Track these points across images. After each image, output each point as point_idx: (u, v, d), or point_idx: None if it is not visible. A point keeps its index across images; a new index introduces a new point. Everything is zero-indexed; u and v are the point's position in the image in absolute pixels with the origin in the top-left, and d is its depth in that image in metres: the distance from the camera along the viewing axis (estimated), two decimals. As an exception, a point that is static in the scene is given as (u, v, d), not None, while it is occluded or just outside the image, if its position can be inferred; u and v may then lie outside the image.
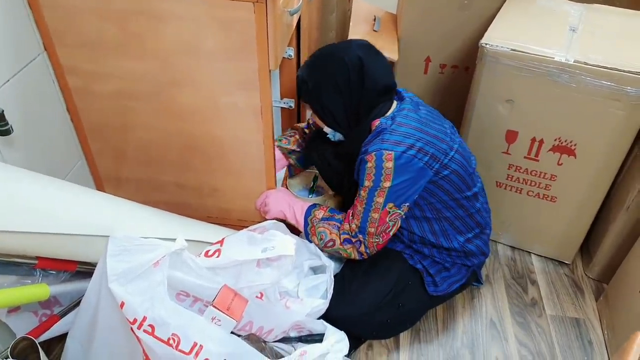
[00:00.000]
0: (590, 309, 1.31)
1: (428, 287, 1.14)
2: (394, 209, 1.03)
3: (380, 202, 1.02)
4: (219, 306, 0.86)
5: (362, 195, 1.04)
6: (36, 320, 1.00)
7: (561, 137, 1.18)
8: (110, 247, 0.84)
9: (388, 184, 1.00)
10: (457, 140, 1.09)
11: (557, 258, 1.42)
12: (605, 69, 1.06)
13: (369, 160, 1.00)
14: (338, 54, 1.03)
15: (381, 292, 1.11)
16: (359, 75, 1.01)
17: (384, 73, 1.04)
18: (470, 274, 1.20)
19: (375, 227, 1.05)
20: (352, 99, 1.03)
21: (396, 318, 1.16)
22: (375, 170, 1.00)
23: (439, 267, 1.14)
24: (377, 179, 1.00)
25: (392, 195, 1.01)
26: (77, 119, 1.17)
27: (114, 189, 1.30)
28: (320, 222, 1.11)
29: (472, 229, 1.13)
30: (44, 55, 1.06)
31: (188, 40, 1.00)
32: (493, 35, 1.17)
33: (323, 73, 1.04)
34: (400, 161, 0.98)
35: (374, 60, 1.02)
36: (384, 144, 0.99)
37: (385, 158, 0.98)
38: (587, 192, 1.24)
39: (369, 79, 1.01)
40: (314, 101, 1.08)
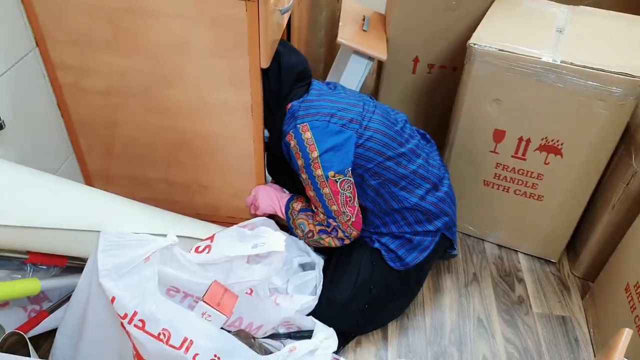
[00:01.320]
0: (576, 307, 1.33)
1: (392, 263, 1.13)
2: (339, 177, 1.05)
3: (320, 174, 1.04)
4: (210, 302, 0.87)
5: (304, 177, 1.07)
6: (25, 316, 1.00)
7: (548, 137, 1.20)
8: (101, 242, 0.85)
9: (316, 153, 1.03)
10: (371, 103, 1.13)
11: (543, 257, 1.44)
12: (591, 69, 1.08)
13: (290, 139, 1.05)
14: None
15: (349, 281, 1.12)
16: (275, 63, 1.07)
17: (299, 61, 1.11)
18: (439, 239, 1.16)
19: (335, 202, 1.06)
20: (270, 85, 1.09)
21: (374, 302, 1.14)
22: (299, 146, 1.04)
23: (401, 241, 1.13)
24: (304, 153, 1.04)
25: (326, 162, 1.03)
26: (67, 115, 1.17)
27: (103, 185, 1.30)
28: (298, 214, 1.14)
29: (419, 185, 1.12)
30: (36, 51, 1.06)
31: (179, 38, 1.00)
32: (481, 36, 1.19)
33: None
34: (317, 129, 1.03)
35: (287, 52, 1.10)
36: (297, 120, 1.05)
37: (302, 130, 1.04)
38: (574, 191, 1.27)
39: (285, 66, 1.08)
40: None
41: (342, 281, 1.13)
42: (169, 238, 0.88)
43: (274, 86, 1.09)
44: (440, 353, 1.20)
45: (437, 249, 1.18)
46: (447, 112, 1.40)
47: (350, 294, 1.12)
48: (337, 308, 1.11)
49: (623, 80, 1.06)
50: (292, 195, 1.21)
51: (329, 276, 1.15)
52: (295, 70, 1.10)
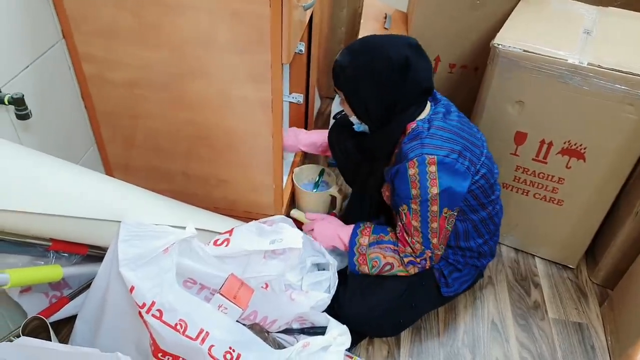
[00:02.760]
0: (593, 314, 1.31)
1: (442, 287, 1.14)
2: (449, 213, 1.01)
3: (435, 211, 0.99)
4: (226, 294, 0.88)
5: (414, 208, 1.00)
6: (46, 302, 1.03)
7: (571, 140, 1.18)
8: (121, 233, 0.86)
9: (436, 190, 0.97)
10: (485, 145, 1.08)
11: (561, 262, 1.42)
12: (619, 72, 1.05)
13: (411, 166, 0.97)
14: (385, 48, 0.98)
15: (396, 292, 1.10)
16: (402, 74, 0.97)
17: (427, 76, 1.01)
18: (477, 274, 1.21)
19: (438, 237, 1.03)
20: (389, 95, 0.99)
21: (408, 318, 1.17)
22: (419, 177, 0.97)
23: (452, 268, 1.14)
24: (423, 185, 0.97)
25: (444, 200, 0.98)
26: (90, 106, 1.19)
27: (123, 176, 1.32)
28: (369, 249, 1.08)
29: (490, 230, 1.13)
30: (62, 43, 1.08)
31: (202, 32, 1.01)
32: (505, 36, 1.17)
33: (365, 63, 0.99)
34: (444, 165, 0.96)
35: (419, 63, 0.99)
36: (425, 149, 0.96)
37: (428, 162, 0.96)
38: (595, 196, 1.24)
39: (411, 80, 0.98)
40: (349, 89, 1.03)
41: (387, 290, 1.10)
42: (188, 230, 0.89)
43: (393, 96, 0.99)
44: (453, 355, 1.19)
45: (473, 283, 1.22)
46: (468, 112, 1.37)
47: (392, 302, 1.10)
48: (373, 314, 1.10)
49: (652, 85, 1.04)
50: (355, 228, 1.12)
51: (370, 282, 1.11)
52: (423, 86, 1.00)
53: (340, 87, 1.05)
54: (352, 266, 1.10)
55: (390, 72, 0.97)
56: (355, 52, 1.01)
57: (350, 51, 1.02)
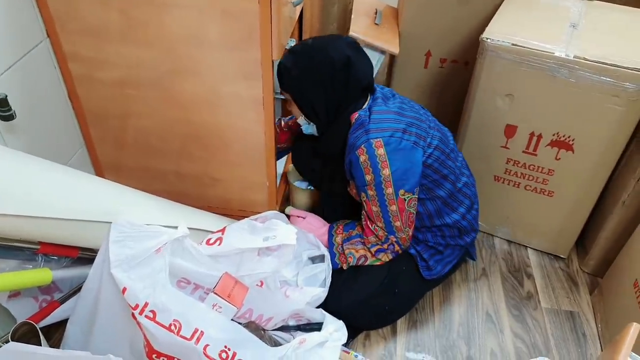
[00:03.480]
0: (584, 303, 1.33)
1: (422, 271, 1.15)
2: (408, 195, 1.04)
3: (391, 193, 1.03)
4: (220, 293, 0.87)
5: (371, 194, 1.04)
6: (36, 306, 1.01)
7: (559, 132, 1.19)
8: (112, 233, 0.85)
9: (388, 172, 1.01)
10: (430, 119, 1.12)
11: (553, 252, 1.44)
12: (604, 64, 1.07)
13: (361, 154, 1.01)
14: (326, 50, 1.03)
15: (377, 279, 1.12)
16: (344, 74, 1.02)
17: (368, 73, 1.06)
18: (462, 253, 1.21)
19: (400, 219, 1.05)
20: (334, 94, 1.04)
21: (393, 305, 1.17)
22: (370, 162, 1.01)
23: (433, 252, 1.16)
24: (375, 169, 1.01)
25: (397, 181, 1.02)
26: (78, 106, 1.17)
27: (114, 177, 1.30)
28: (344, 246, 1.12)
29: (462, 202, 1.14)
30: (47, 42, 1.06)
31: (191, 29, 1.00)
32: (494, 30, 1.18)
33: (309, 65, 1.03)
34: (390, 146, 1.00)
35: (360, 62, 1.04)
36: (370, 134, 1.01)
37: (375, 146, 1.00)
38: (584, 187, 1.26)
39: (353, 79, 1.03)
40: (294, 90, 1.07)
41: (368, 278, 1.12)
42: (180, 230, 0.88)
43: (337, 95, 1.04)
44: (449, 347, 1.20)
45: (459, 262, 1.22)
46: (459, 106, 1.39)
47: (373, 288, 1.11)
48: (356, 304, 1.11)
49: (637, 76, 1.05)
50: (330, 229, 1.17)
51: (350, 272, 1.13)
52: (364, 83, 1.05)
53: (286, 89, 1.09)
54: (335, 265, 1.13)
55: (333, 71, 1.01)
56: (297, 53, 1.05)
57: (292, 53, 1.06)
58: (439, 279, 1.22)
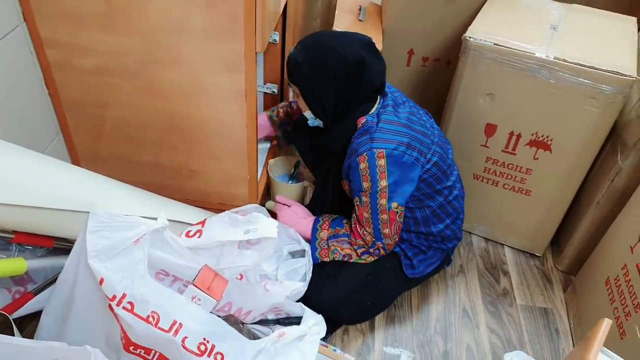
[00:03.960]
0: (558, 300, 1.36)
1: (406, 269, 1.16)
2: (399, 208, 1.04)
3: (384, 204, 1.03)
4: (200, 285, 0.86)
5: (365, 200, 1.04)
6: (9, 297, 0.98)
7: (538, 132, 1.22)
8: (90, 223, 0.83)
9: (385, 183, 1.00)
10: (435, 132, 1.11)
11: (529, 250, 1.47)
12: (582, 66, 1.09)
13: (361, 161, 1.00)
14: (340, 48, 1.00)
15: (360, 274, 1.13)
16: (357, 74, 0.99)
17: (380, 75, 1.04)
18: (444, 257, 1.23)
19: (389, 227, 1.06)
20: (345, 93, 1.02)
21: (375, 300, 1.18)
22: (369, 170, 1.00)
23: (416, 251, 1.17)
24: (373, 178, 1.00)
25: (392, 193, 1.02)
26: (55, 94, 1.14)
27: (92, 166, 1.27)
28: (328, 242, 1.12)
29: (450, 215, 1.16)
30: (23, 27, 1.02)
31: (174, 18, 0.98)
32: (477, 30, 1.19)
33: (321, 61, 1.00)
34: (392, 158, 0.99)
35: (374, 63, 1.01)
36: (375, 143, 1.00)
37: (377, 156, 0.99)
38: (561, 186, 1.29)
39: (365, 80, 1.00)
40: (304, 85, 1.05)
41: (351, 273, 1.12)
42: (159, 221, 0.87)
43: (348, 94, 1.02)
44: (426, 342, 1.22)
45: (440, 265, 1.24)
46: (440, 105, 1.40)
47: (357, 282, 1.12)
48: (338, 298, 1.11)
49: (614, 79, 1.08)
50: (315, 222, 1.16)
51: (334, 266, 1.13)
52: (376, 85, 1.03)
53: (294, 82, 1.06)
54: (315, 260, 1.13)
55: (346, 71, 0.99)
56: (309, 48, 1.02)
57: (304, 47, 1.03)
58: (421, 279, 1.23)
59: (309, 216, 1.21)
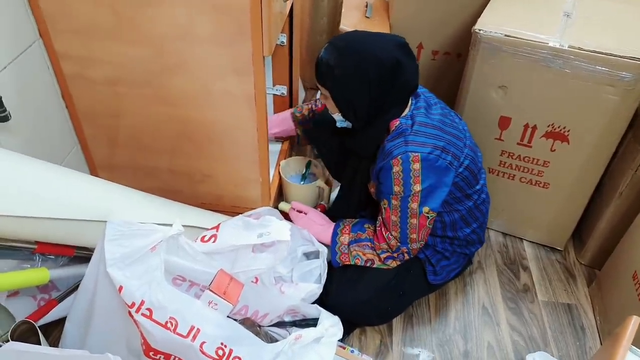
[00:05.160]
0: (582, 295, 1.33)
1: (429, 276, 1.15)
2: (431, 214, 1.02)
3: (415, 208, 1.00)
4: (216, 290, 0.87)
5: (394, 204, 1.01)
6: (35, 305, 1.02)
7: (554, 123, 1.19)
8: (108, 232, 0.85)
9: (418, 188, 0.98)
10: (467, 135, 1.08)
11: (549, 244, 1.44)
12: (600, 54, 1.06)
13: (395, 164, 0.98)
14: (374, 50, 0.97)
15: (383, 280, 1.11)
16: (392, 76, 0.97)
17: (415, 77, 1.01)
18: (466, 262, 1.22)
19: (417, 232, 1.04)
20: (378, 96, 0.99)
21: (396, 305, 1.18)
22: (403, 174, 0.98)
23: (440, 257, 1.15)
24: (407, 182, 0.98)
25: (425, 198, 0.99)
26: (71, 105, 1.17)
27: (108, 175, 1.30)
28: (350, 248, 1.10)
29: (477, 219, 1.14)
30: (40, 42, 1.05)
31: (182, 26, 0.99)
32: (486, 21, 1.17)
33: (355, 64, 0.97)
34: (428, 162, 0.97)
35: (409, 65, 0.99)
36: (409, 146, 0.97)
37: (412, 160, 0.97)
38: (580, 178, 1.26)
39: (400, 82, 0.98)
40: (336, 89, 1.02)
41: (374, 279, 1.11)
42: (175, 227, 0.88)
43: (382, 98, 0.99)
44: (445, 341, 1.21)
45: (462, 270, 1.23)
46: (452, 99, 1.38)
47: (379, 287, 1.10)
48: (360, 303, 1.10)
49: (633, 65, 1.05)
50: (336, 227, 1.15)
51: (356, 270, 1.11)
52: (410, 86, 1.01)
53: (326, 86, 1.03)
54: (336, 264, 1.12)
55: (381, 74, 0.96)
56: (342, 50, 0.99)
57: (336, 49, 0.99)
58: (441, 285, 1.22)
59: (326, 222, 1.19)
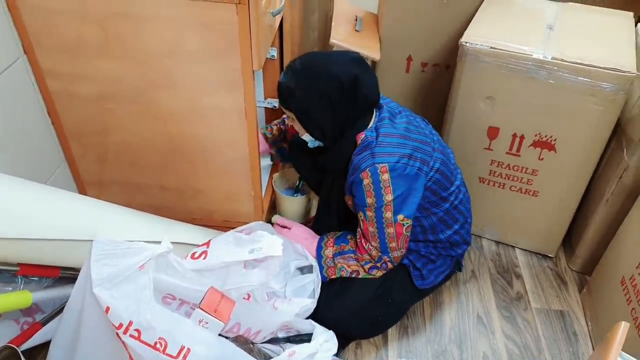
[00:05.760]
0: (574, 301, 1.33)
1: (416, 280, 1.15)
2: (406, 221, 1.02)
3: (390, 217, 1.01)
4: (206, 308, 0.86)
5: (369, 215, 1.02)
6: (18, 329, 0.99)
7: (541, 133, 1.21)
8: (94, 252, 0.83)
9: (390, 197, 0.99)
10: (435, 138, 1.10)
11: (540, 252, 1.45)
12: (581, 65, 1.08)
13: (365, 177, 0.99)
14: (331, 69, 0.98)
15: (370, 289, 1.11)
16: (352, 92, 0.98)
17: (375, 90, 1.03)
18: (454, 263, 1.22)
19: (396, 240, 1.04)
20: (342, 114, 1.00)
21: (386, 314, 1.17)
22: (373, 186, 0.99)
23: (425, 260, 1.15)
24: (378, 193, 0.99)
25: (398, 207, 1.00)
26: (58, 123, 1.15)
27: (97, 192, 1.28)
28: (335, 260, 1.11)
29: (457, 220, 1.15)
30: (24, 59, 1.04)
31: (170, 42, 0.99)
32: (472, 34, 1.19)
33: (314, 85, 0.99)
34: (396, 171, 0.98)
35: (367, 78, 1.00)
36: (376, 158, 0.99)
37: (380, 171, 0.98)
38: (568, 185, 1.27)
39: (361, 96, 0.99)
40: (300, 110, 1.03)
41: (361, 289, 1.11)
42: (163, 245, 0.86)
43: (345, 113, 1.00)
44: (441, 352, 1.20)
45: (451, 272, 1.22)
46: (442, 110, 1.39)
47: (366, 298, 1.10)
48: (349, 314, 1.09)
49: (613, 76, 1.07)
50: (320, 241, 1.15)
51: (343, 282, 1.11)
52: (371, 99, 1.02)
53: (290, 109, 1.04)
54: (324, 278, 1.12)
55: (340, 91, 0.98)
56: (300, 72, 1.00)
57: (294, 72, 1.01)
58: (432, 289, 1.22)
59: (311, 236, 1.19)
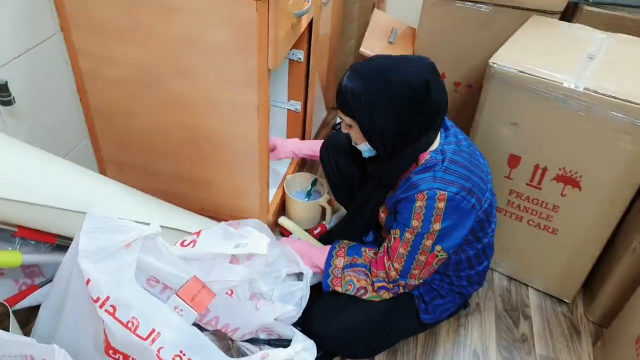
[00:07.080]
0: (585, 354, 1.23)
1: (421, 313, 1.09)
2: (442, 253, 0.97)
3: (428, 246, 0.96)
4: (183, 296, 0.86)
5: (407, 237, 0.96)
6: (16, 288, 1.03)
7: (566, 167, 1.13)
8: (86, 224, 0.86)
9: (438, 227, 0.93)
10: (489, 178, 1.04)
11: (556, 295, 1.35)
12: (616, 99, 1.00)
13: (420, 198, 0.93)
14: (402, 71, 0.91)
15: (372, 315, 1.06)
16: (422, 98, 0.90)
17: (443, 99, 0.95)
18: (462, 302, 1.16)
19: (420, 269, 0.99)
20: (408, 122, 0.92)
21: (383, 341, 1.13)
22: (425, 210, 0.93)
23: (434, 294, 1.10)
24: (427, 219, 0.93)
25: (441, 238, 0.95)
26: (85, 100, 1.21)
27: (116, 173, 1.34)
28: (344, 271, 1.06)
29: (482, 262, 1.10)
30: (60, 36, 1.10)
31: (193, 33, 1.02)
32: (503, 55, 1.13)
33: (383, 88, 0.91)
34: (453, 202, 0.92)
35: (438, 85, 0.93)
36: (437, 183, 0.92)
37: (438, 198, 0.92)
38: (591, 227, 1.18)
39: (430, 104, 0.91)
40: (364, 116, 0.94)
41: (364, 311, 1.06)
42: (152, 227, 0.88)
43: (409, 121, 0.92)
44: (427, 382, 1.14)
45: (456, 310, 1.18)
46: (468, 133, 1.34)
47: (367, 326, 1.06)
48: (346, 333, 1.05)
49: (653, 114, 0.98)
50: (331, 249, 1.11)
51: (348, 299, 1.07)
52: (438, 110, 0.94)
53: (351, 114, 0.96)
54: (326, 287, 1.08)
55: (411, 97, 0.90)
56: (367, 76, 0.92)
57: (360, 75, 0.93)
58: (434, 324, 1.17)
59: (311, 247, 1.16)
